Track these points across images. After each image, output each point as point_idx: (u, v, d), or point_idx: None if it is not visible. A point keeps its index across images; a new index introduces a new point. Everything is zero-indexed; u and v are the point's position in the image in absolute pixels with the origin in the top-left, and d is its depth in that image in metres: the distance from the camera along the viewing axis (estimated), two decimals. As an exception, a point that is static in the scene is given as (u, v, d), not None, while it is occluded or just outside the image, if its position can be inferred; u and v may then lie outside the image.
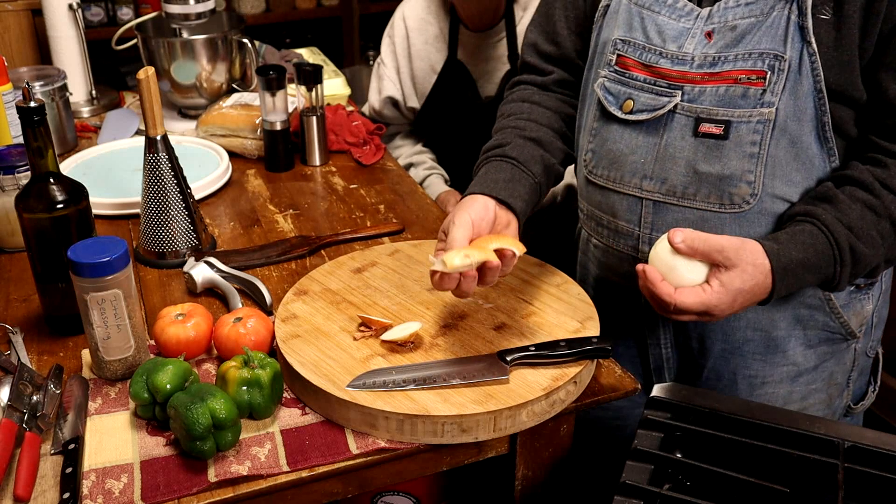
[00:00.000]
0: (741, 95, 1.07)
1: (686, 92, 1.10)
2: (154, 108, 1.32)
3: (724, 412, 0.98)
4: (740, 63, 1.06)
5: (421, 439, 1.01)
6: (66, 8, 2.02)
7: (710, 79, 1.09)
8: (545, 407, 1.04)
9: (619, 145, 1.17)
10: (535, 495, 1.15)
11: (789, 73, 1.04)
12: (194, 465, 0.98)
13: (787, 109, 1.05)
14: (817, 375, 1.22)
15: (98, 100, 2.11)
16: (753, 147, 1.07)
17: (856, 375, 1.26)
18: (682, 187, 1.12)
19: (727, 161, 1.08)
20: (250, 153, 1.83)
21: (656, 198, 1.15)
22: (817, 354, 1.21)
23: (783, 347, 1.20)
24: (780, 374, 1.21)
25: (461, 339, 1.12)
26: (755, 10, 1.06)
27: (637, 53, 1.15)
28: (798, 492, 0.89)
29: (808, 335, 1.19)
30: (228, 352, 1.12)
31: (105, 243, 1.07)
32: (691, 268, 1.01)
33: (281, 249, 1.45)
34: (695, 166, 1.11)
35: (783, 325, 1.18)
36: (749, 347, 1.21)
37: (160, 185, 1.37)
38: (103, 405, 1.08)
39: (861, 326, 1.21)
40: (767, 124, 1.06)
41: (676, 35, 1.12)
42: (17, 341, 1.19)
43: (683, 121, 1.11)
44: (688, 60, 1.10)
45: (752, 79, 1.06)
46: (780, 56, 1.04)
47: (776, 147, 1.07)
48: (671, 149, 1.12)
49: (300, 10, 3.39)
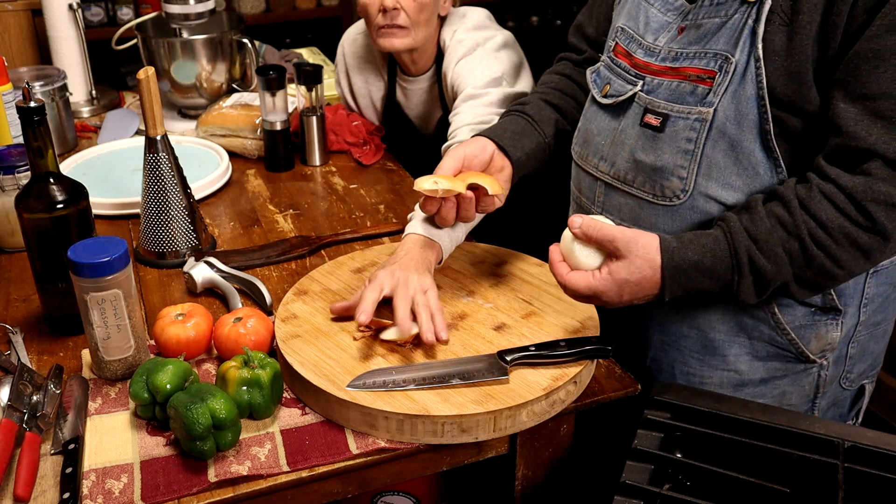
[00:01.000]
0: (689, 92, 1.08)
1: (647, 83, 1.13)
2: (154, 108, 1.32)
3: (724, 412, 0.98)
4: (696, 61, 1.08)
5: (421, 439, 1.01)
6: (66, 8, 2.02)
7: (666, 73, 1.11)
8: (545, 407, 1.04)
9: (592, 125, 1.23)
10: (535, 495, 1.15)
11: (734, 77, 1.04)
12: (194, 465, 0.98)
13: (727, 112, 1.05)
14: (766, 391, 1.19)
15: (98, 100, 2.11)
16: (688, 144, 1.08)
17: (824, 405, 1.22)
18: (624, 172, 1.16)
19: (661, 153, 1.11)
20: (250, 153, 1.83)
21: (607, 179, 1.20)
22: (766, 369, 1.18)
23: (722, 351, 1.18)
24: (720, 377, 1.19)
25: (461, 339, 1.12)
26: (721, 11, 1.06)
27: (626, 42, 1.19)
28: (798, 492, 0.89)
29: (754, 345, 1.17)
30: (228, 352, 1.12)
31: (105, 243, 1.07)
32: (588, 253, 1.05)
33: (281, 249, 1.45)
34: (635, 154, 1.14)
35: (722, 329, 1.17)
36: (686, 343, 1.20)
37: (160, 185, 1.37)
38: (103, 405, 1.08)
39: (823, 352, 1.17)
40: (704, 124, 1.07)
41: (658, 27, 1.14)
42: (17, 341, 1.19)
43: (637, 110, 1.14)
44: (656, 53, 1.13)
45: (703, 77, 1.07)
46: (729, 58, 1.04)
47: (713, 148, 1.07)
48: (623, 135, 1.17)
49: (300, 10, 3.39)
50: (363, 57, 1.89)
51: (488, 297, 1.22)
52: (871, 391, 1.28)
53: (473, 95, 1.65)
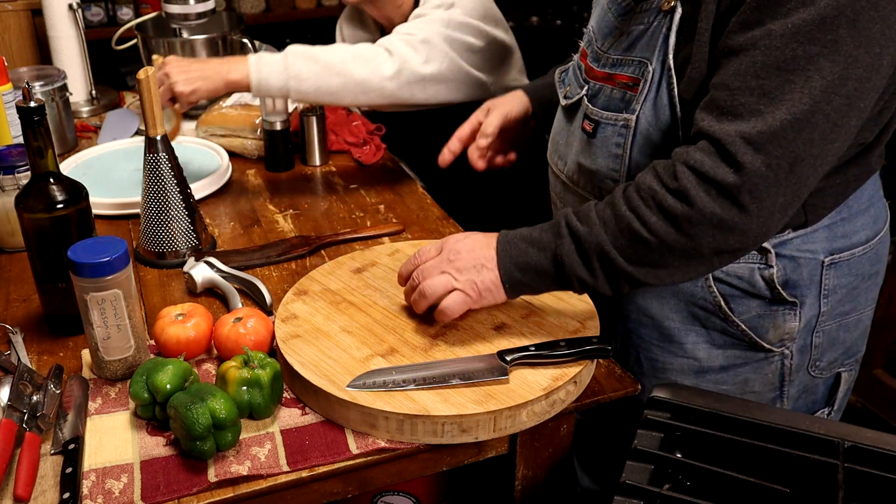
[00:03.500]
0: (619, 98, 1.12)
1: (590, 88, 1.17)
2: (154, 108, 1.32)
3: (724, 412, 0.98)
4: (624, 68, 1.11)
5: (421, 439, 1.01)
6: (66, 8, 2.02)
7: (602, 78, 1.15)
8: (545, 407, 1.04)
9: (556, 124, 1.29)
10: (535, 495, 1.15)
11: (651, 84, 1.07)
12: (194, 465, 0.98)
13: (648, 118, 1.08)
14: (727, 377, 1.21)
15: (98, 100, 2.11)
16: (617, 149, 1.12)
17: (793, 392, 1.23)
18: (572, 174, 1.22)
19: (595, 158, 1.15)
20: (250, 153, 1.83)
21: (563, 179, 1.25)
22: (725, 356, 1.20)
23: (679, 339, 1.20)
24: (681, 364, 1.22)
25: (461, 339, 1.12)
26: (645, 18, 1.09)
27: (587, 44, 1.22)
28: (798, 492, 0.89)
29: (710, 334, 1.19)
30: (228, 352, 1.12)
31: (105, 243, 1.07)
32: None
33: (281, 249, 1.45)
34: (578, 158, 1.19)
35: (676, 318, 1.19)
36: (644, 332, 1.23)
37: (160, 185, 1.37)
38: (103, 405, 1.08)
39: (782, 341, 1.18)
40: (629, 129, 1.10)
41: (607, 32, 1.17)
42: (17, 341, 1.19)
43: (581, 114, 1.18)
44: (598, 58, 1.17)
45: (629, 84, 1.10)
46: (648, 66, 1.07)
47: (640, 153, 1.10)
48: (571, 137, 1.21)
49: (300, 10, 3.39)
50: (358, 28, 1.93)
51: (488, 297, 1.22)
52: (850, 379, 1.28)
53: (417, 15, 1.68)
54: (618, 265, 1.01)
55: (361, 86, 1.56)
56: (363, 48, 1.59)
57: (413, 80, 1.59)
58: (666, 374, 1.23)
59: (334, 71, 1.53)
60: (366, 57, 1.56)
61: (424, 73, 1.60)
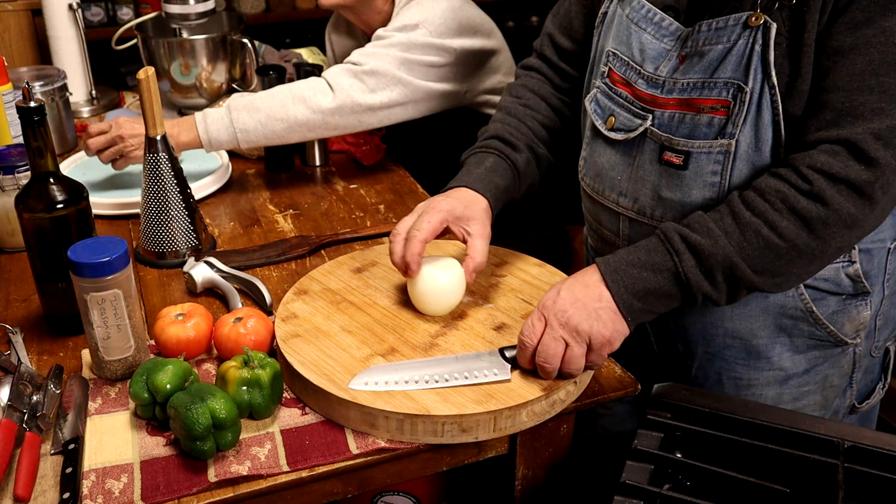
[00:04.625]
0: (706, 124, 1.06)
1: (656, 117, 1.10)
2: (154, 108, 1.32)
3: (724, 412, 0.98)
4: (706, 92, 1.05)
5: (421, 439, 1.01)
6: (66, 8, 2.02)
7: (676, 105, 1.08)
8: (545, 407, 1.04)
9: (602, 159, 1.19)
10: (535, 495, 1.15)
11: (750, 105, 1.02)
12: (194, 465, 0.98)
13: (748, 141, 1.04)
14: (809, 378, 1.21)
15: (98, 100, 2.11)
16: (714, 177, 1.07)
17: (859, 375, 1.25)
18: (650, 209, 1.14)
19: (688, 190, 1.09)
20: (250, 153, 1.83)
21: (631, 215, 1.17)
22: (807, 359, 1.19)
23: (766, 354, 1.18)
24: (767, 377, 1.20)
25: (461, 339, 1.12)
26: (723, 36, 1.04)
27: (622, 69, 1.15)
28: (798, 492, 0.89)
29: (794, 342, 1.18)
30: (228, 352, 1.12)
31: (105, 243, 1.07)
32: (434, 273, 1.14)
33: (281, 249, 1.45)
34: (659, 192, 1.12)
35: (764, 335, 1.17)
36: (730, 353, 1.20)
37: (160, 185, 1.37)
38: (103, 405, 1.08)
39: (857, 332, 1.19)
40: (728, 155, 1.05)
41: (656, 56, 1.11)
42: (17, 341, 1.19)
43: (652, 145, 1.12)
44: (659, 84, 1.10)
45: (717, 108, 1.05)
46: (743, 87, 1.02)
47: (738, 177, 1.06)
48: (641, 171, 1.13)
49: (300, 10, 3.39)
50: (345, 36, 1.95)
51: (488, 297, 1.22)
52: (894, 349, 1.31)
53: (378, 37, 1.66)
54: (744, 275, 1.00)
55: (306, 125, 1.60)
56: (304, 86, 1.61)
57: (358, 111, 1.61)
58: (751, 389, 1.21)
59: (276, 117, 1.58)
60: (304, 96, 1.59)
61: (371, 103, 1.61)
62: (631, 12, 1.14)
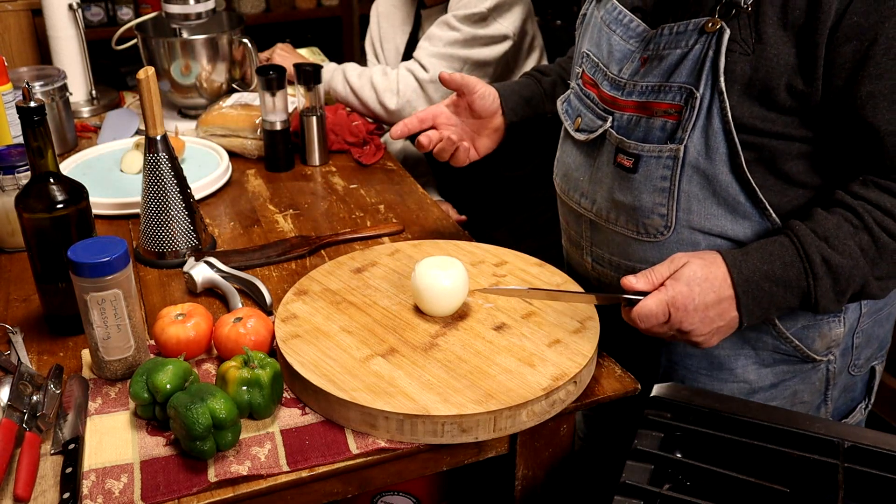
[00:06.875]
0: (659, 128, 1.06)
1: (616, 119, 1.11)
2: (154, 108, 1.32)
3: (724, 412, 0.98)
4: (661, 95, 1.05)
5: (421, 439, 1.01)
6: (66, 8, 2.02)
7: (634, 108, 1.08)
8: (545, 407, 1.04)
9: (569, 160, 1.21)
10: (535, 495, 1.15)
11: (700, 111, 1.02)
12: (194, 465, 0.98)
13: (698, 148, 1.03)
14: (777, 393, 1.19)
15: (98, 100, 2.11)
16: (664, 182, 1.06)
17: (835, 393, 1.23)
18: (606, 212, 1.14)
19: (638, 193, 1.09)
20: (250, 153, 1.83)
21: (591, 217, 1.18)
22: (774, 373, 1.18)
23: (729, 366, 1.18)
24: (731, 389, 1.19)
25: (461, 339, 1.12)
26: (682, 40, 1.03)
27: (592, 71, 1.16)
28: (798, 492, 0.89)
29: (760, 355, 1.16)
30: (228, 352, 1.12)
31: (105, 243, 1.07)
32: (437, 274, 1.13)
33: (281, 249, 1.45)
34: (613, 195, 1.12)
35: (726, 346, 1.16)
36: (692, 362, 1.20)
37: (160, 185, 1.37)
38: (103, 405, 1.08)
39: (829, 349, 1.17)
40: (677, 161, 1.04)
41: (621, 57, 1.11)
42: (17, 341, 1.19)
43: (609, 147, 1.12)
44: (621, 86, 1.10)
45: (670, 112, 1.04)
46: (694, 92, 1.01)
47: (689, 183, 1.05)
48: (600, 173, 1.14)
49: (300, 10, 3.40)
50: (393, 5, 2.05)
51: (488, 297, 1.22)
52: (881, 370, 1.29)
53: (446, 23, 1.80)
54: (870, 290, 1.01)
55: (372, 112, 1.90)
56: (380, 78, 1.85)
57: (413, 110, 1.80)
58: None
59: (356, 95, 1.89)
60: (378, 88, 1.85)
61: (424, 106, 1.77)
62: (605, 14, 1.14)
